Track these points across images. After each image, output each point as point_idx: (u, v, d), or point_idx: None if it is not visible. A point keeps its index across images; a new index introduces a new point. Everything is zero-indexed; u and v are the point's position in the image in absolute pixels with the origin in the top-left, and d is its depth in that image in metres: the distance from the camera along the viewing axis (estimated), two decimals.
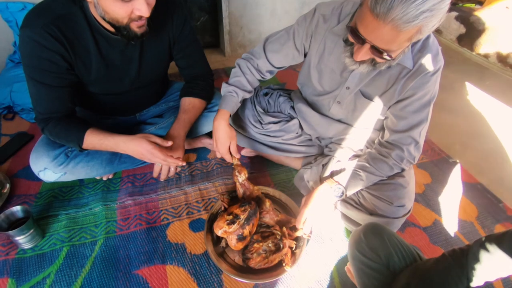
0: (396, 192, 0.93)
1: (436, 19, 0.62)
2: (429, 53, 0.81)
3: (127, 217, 1.09)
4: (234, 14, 2.05)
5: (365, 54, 0.71)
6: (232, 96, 1.04)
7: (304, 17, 0.97)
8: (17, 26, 1.59)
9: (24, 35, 0.80)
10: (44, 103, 0.91)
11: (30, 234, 0.95)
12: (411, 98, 0.87)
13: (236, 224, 0.89)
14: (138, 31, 0.82)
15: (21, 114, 1.54)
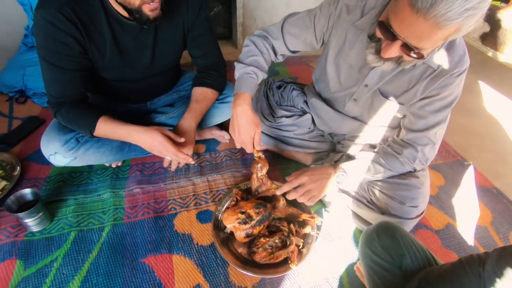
0: (410, 192, 0.91)
1: (476, 18, 0.58)
2: (455, 51, 0.78)
3: (134, 205, 1.09)
4: (248, 5, 2.02)
5: (395, 51, 0.66)
6: (251, 78, 0.93)
7: (328, 3, 0.90)
8: (31, 10, 1.58)
9: (38, 16, 0.79)
10: (56, 86, 0.90)
11: (39, 217, 0.96)
12: (433, 98, 0.84)
13: (248, 224, 0.88)
14: (150, 14, 0.80)
15: (33, 98, 1.54)
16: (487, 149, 1.47)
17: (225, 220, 0.91)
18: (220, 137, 1.35)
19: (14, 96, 1.56)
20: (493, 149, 1.47)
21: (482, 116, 1.70)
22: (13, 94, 1.56)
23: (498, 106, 1.76)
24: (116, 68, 0.97)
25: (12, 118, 1.44)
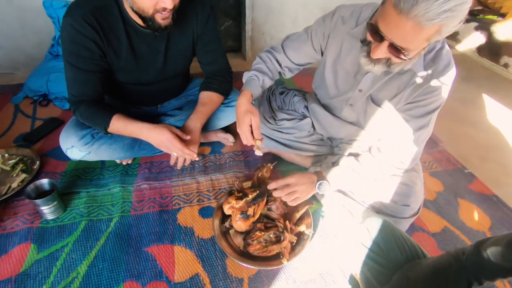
0: (401, 191, 0.94)
1: (456, 20, 0.63)
2: (441, 62, 0.83)
3: (141, 199, 1.16)
4: (257, 20, 2.14)
5: (383, 52, 0.72)
6: (253, 80, 1.04)
7: (323, 17, 1.00)
8: (59, 22, 1.75)
9: (66, 23, 0.90)
10: (77, 86, 1.00)
11: (53, 206, 1.03)
12: (417, 103, 0.88)
13: (243, 201, 0.93)
14: (162, 22, 0.89)
15: (55, 102, 1.67)
16: (490, 160, 1.48)
17: (225, 204, 0.97)
18: (225, 139, 1.42)
19: (38, 99, 1.69)
20: (496, 159, 1.48)
21: (486, 128, 1.72)
22: (37, 98, 1.69)
23: (502, 119, 1.77)
24: (131, 71, 1.07)
25: (35, 119, 1.56)
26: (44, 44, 1.85)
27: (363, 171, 0.96)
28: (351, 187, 1.02)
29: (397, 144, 0.93)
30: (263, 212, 1.06)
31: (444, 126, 1.68)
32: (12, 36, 1.82)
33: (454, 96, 1.96)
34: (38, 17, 1.76)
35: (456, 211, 1.19)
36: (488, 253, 0.57)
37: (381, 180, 0.98)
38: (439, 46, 0.83)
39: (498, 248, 0.56)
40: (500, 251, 0.55)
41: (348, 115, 1.11)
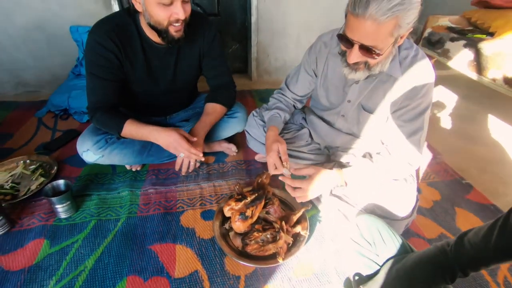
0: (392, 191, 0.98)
1: (411, 13, 0.73)
2: (418, 66, 0.91)
3: (148, 202, 1.23)
4: (262, 43, 2.30)
5: (357, 56, 0.81)
6: (276, 117, 1.19)
7: (309, 48, 1.16)
8: (83, 45, 1.94)
9: (90, 39, 1.03)
10: (96, 94, 1.12)
11: (67, 205, 1.12)
12: (406, 108, 0.96)
13: (242, 203, 0.99)
14: (175, 35, 1.02)
15: (74, 116, 1.82)
16: (488, 171, 1.50)
17: (225, 206, 1.03)
18: (228, 149, 1.50)
19: (59, 113, 1.85)
20: (494, 171, 1.50)
21: (485, 142, 1.74)
22: (58, 112, 1.85)
23: (499, 133, 1.80)
24: (144, 82, 1.19)
25: (55, 131, 1.70)
26: (68, 65, 2.04)
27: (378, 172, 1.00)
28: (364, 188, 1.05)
29: (401, 147, 0.99)
30: (262, 215, 1.11)
31: (444, 141, 1.72)
32: (40, 57, 2.02)
33: (454, 113, 2.02)
34: (65, 40, 1.97)
35: (453, 219, 1.21)
36: (470, 242, 0.59)
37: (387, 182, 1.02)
38: (413, 53, 0.91)
39: (478, 236, 0.59)
40: (480, 238, 0.58)
41: (342, 125, 1.18)
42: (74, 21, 1.93)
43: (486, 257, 0.57)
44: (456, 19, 1.87)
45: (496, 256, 0.55)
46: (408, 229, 1.13)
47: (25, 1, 1.82)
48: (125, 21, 1.06)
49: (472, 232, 0.61)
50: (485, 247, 0.56)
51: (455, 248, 0.62)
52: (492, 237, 0.54)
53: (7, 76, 2.04)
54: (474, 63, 1.51)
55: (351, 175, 1.02)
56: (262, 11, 2.14)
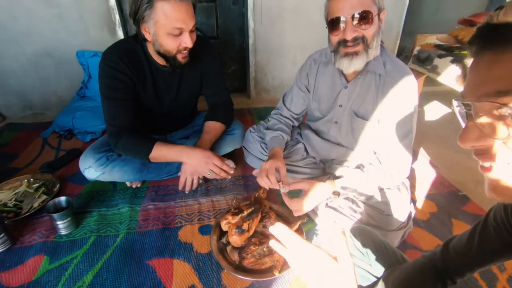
0: (385, 200, 1.00)
1: None
2: (399, 70, 0.99)
3: (147, 218, 1.25)
4: (259, 63, 2.39)
5: (352, 29, 0.88)
6: (278, 138, 1.25)
7: (300, 67, 1.25)
8: (88, 69, 2.04)
9: (104, 64, 1.10)
10: (117, 117, 1.15)
11: (68, 221, 1.14)
12: (393, 113, 1.00)
13: (239, 217, 1.01)
14: (182, 61, 1.11)
15: (78, 135, 1.87)
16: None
17: (222, 220, 1.05)
18: None
19: (63, 134, 1.91)
20: None
21: None
22: (63, 133, 1.91)
23: None
24: (150, 102, 1.25)
25: (59, 150, 1.75)
26: (74, 87, 2.13)
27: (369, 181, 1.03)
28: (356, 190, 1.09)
29: (392, 153, 1.02)
30: (258, 229, 1.13)
31: (440, 154, 1.74)
32: (47, 81, 2.12)
33: (447, 126, 2.05)
34: (71, 64, 2.07)
35: (450, 230, 1.21)
36: (455, 248, 0.61)
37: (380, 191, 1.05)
38: (393, 60, 1.01)
39: (462, 241, 0.60)
40: (463, 244, 0.59)
41: (336, 134, 1.22)
42: (81, 47, 2.03)
43: (470, 262, 0.58)
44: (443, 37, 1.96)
45: (479, 259, 0.56)
46: (405, 241, 1.13)
47: (36, 30, 1.94)
48: (133, 46, 1.14)
49: (456, 239, 0.62)
50: (468, 252, 0.57)
51: (441, 256, 0.63)
52: (474, 241, 0.56)
53: (15, 99, 2.12)
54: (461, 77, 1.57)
55: (343, 185, 1.05)
56: (259, 33, 2.25)
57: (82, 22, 1.98)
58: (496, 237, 0.53)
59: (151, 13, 0.99)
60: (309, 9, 2.24)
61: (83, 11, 1.95)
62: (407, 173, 1.03)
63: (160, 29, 1.02)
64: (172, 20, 0.99)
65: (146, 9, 0.98)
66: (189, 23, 1.02)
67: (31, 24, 1.92)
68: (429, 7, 2.67)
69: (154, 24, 1.01)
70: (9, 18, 1.87)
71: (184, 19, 1.01)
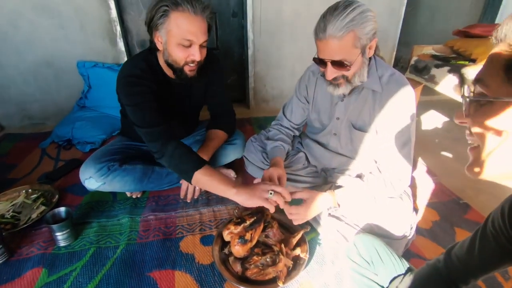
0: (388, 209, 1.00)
1: (365, 25, 0.85)
2: (396, 82, 1.00)
3: (147, 228, 1.23)
4: (258, 74, 2.42)
5: (331, 71, 0.92)
6: (279, 148, 1.25)
7: (299, 79, 1.28)
8: (88, 79, 2.05)
9: (123, 76, 1.11)
10: (150, 117, 1.10)
11: (67, 233, 1.12)
12: (391, 123, 1.01)
13: (241, 227, 1.00)
14: (189, 74, 1.12)
15: (77, 146, 1.86)
16: (485, 191, 1.51)
17: (224, 230, 1.04)
18: (227, 175, 1.53)
19: (62, 144, 1.89)
20: (490, 191, 1.51)
21: None
22: (62, 143, 1.90)
23: None
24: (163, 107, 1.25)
25: (58, 160, 1.74)
26: (73, 97, 2.13)
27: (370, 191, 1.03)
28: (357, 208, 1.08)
29: (391, 163, 1.03)
30: (261, 239, 1.11)
31: (439, 162, 1.75)
32: (47, 91, 2.12)
33: (445, 135, 2.08)
34: (71, 74, 2.08)
35: (453, 239, 1.21)
36: (457, 255, 0.60)
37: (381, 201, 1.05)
38: (390, 72, 1.01)
39: (463, 249, 0.60)
40: (465, 251, 0.59)
41: (335, 145, 1.22)
42: (81, 57, 2.05)
43: (473, 269, 0.58)
44: (439, 47, 2.01)
45: (481, 266, 0.56)
46: (409, 250, 1.13)
47: (37, 40, 1.95)
48: (149, 58, 1.17)
49: (457, 246, 0.62)
50: (470, 259, 0.57)
51: (445, 264, 0.63)
52: (475, 248, 0.56)
53: (14, 109, 2.12)
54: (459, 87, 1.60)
55: (343, 196, 1.05)
56: (258, 44, 2.28)
57: (83, 32, 2.00)
58: (494, 243, 0.53)
59: (165, 22, 1.02)
60: (307, 22, 2.29)
61: (84, 22, 1.97)
62: (408, 182, 1.04)
63: (171, 38, 1.04)
64: (184, 31, 1.02)
65: (161, 18, 1.01)
66: (200, 37, 1.05)
67: (32, 34, 1.93)
68: (424, 18, 2.74)
69: (166, 33, 1.04)
70: (10, 27, 1.88)
71: (196, 32, 1.03)
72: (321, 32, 0.86)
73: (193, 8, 1.01)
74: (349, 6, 0.84)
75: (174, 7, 1.00)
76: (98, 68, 2.04)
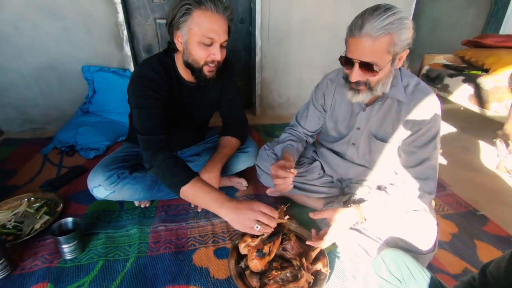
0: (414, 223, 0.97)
1: (403, 31, 0.83)
2: (422, 92, 0.97)
3: (158, 240, 1.18)
4: (265, 80, 2.39)
5: (357, 73, 0.89)
6: (291, 146, 1.21)
7: (316, 86, 1.24)
8: (93, 84, 2.00)
9: (141, 79, 1.07)
10: (152, 125, 1.06)
11: (74, 245, 1.06)
12: (416, 134, 0.98)
13: (259, 239, 0.95)
14: (208, 75, 1.08)
15: (80, 152, 1.80)
16: (499, 202, 1.49)
17: (241, 242, 0.99)
18: (239, 184, 1.49)
19: (65, 150, 1.83)
20: (504, 201, 1.50)
21: (486, 172, 1.76)
22: (64, 149, 1.83)
23: None
24: (173, 117, 1.20)
25: (61, 167, 1.67)
26: (77, 102, 2.08)
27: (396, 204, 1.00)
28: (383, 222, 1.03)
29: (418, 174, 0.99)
30: (278, 252, 1.07)
31: (451, 172, 1.73)
32: (49, 95, 2.06)
33: (455, 145, 2.06)
34: (75, 79, 2.03)
35: (474, 252, 1.17)
36: (493, 275, 0.58)
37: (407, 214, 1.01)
38: (415, 82, 0.98)
39: (499, 269, 0.58)
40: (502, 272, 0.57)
41: (353, 155, 1.19)
42: (86, 61, 2.00)
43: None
44: (450, 57, 2.00)
45: None
46: (431, 264, 1.09)
47: (40, 43, 1.90)
48: (166, 60, 1.13)
49: (493, 264, 0.60)
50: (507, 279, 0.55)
51: (480, 283, 0.61)
52: None
53: (14, 113, 2.05)
54: (474, 97, 1.58)
55: (369, 210, 1.01)
56: (266, 51, 2.26)
57: (89, 36, 1.95)
58: None
59: (187, 20, 1.00)
60: (315, 29, 2.28)
61: (90, 25, 1.93)
62: (434, 194, 1.00)
63: (193, 37, 1.02)
64: (205, 29, 1.00)
65: (183, 16, 0.99)
66: (221, 35, 1.02)
67: (36, 37, 1.88)
68: (425, 27, 2.76)
69: (187, 31, 1.02)
70: (13, 30, 1.84)
71: (217, 30, 1.01)
72: (357, 29, 0.83)
73: (215, 7, 0.99)
74: (389, 10, 0.82)
75: (197, 6, 0.98)
76: (103, 72, 1.99)
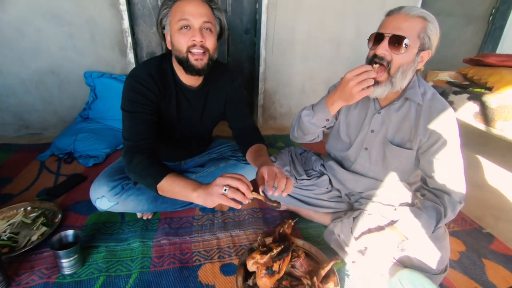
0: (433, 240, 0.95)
1: (434, 27, 0.90)
2: (440, 100, 0.99)
3: (161, 255, 1.13)
4: (268, 91, 2.39)
5: (384, 47, 0.91)
6: None
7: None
8: (94, 90, 1.96)
9: (132, 80, 1.03)
10: (134, 131, 1.03)
11: (74, 259, 1.01)
12: (437, 144, 0.98)
13: (268, 256, 0.92)
14: (195, 64, 1.01)
15: (79, 159, 1.75)
16: (504, 219, 1.49)
17: (249, 259, 0.95)
18: None
19: (63, 157, 1.78)
20: (508, 219, 1.50)
21: (490, 189, 1.77)
22: (62, 156, 1.78)
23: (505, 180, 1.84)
24: (172, 125, 1.18)
25: (58, 175, 1.62)
26: (76, 108, 2.03)
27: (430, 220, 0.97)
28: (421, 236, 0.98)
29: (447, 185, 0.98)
30: (287, 269, 1.04)
31: None
32: (49, 101, 2.01)
33: None
34: (76, 84, 1.99)
35: (483, 271, 1.16)
36: None
37: None
38: (433, 91, 1.01)
39: None
40: None
41: (364, 161, 1.17)
42: (89, 67, 1.97)
43: None
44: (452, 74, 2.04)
45: None
46: (441, 284, 1.07)
47: (43, 48, 1.87)
48: (163, 64, 1.10)
49: None
50: None
51: None
52: None
53: (11, 118, 2.00)
54: (480, 115, 1.60)
55: (408, 229, 0.97)
56: (270, 62, 2.27)
57: (93, 42, 1.93)
58: None
59: (169, 15, 1.01)
60: (318, 41, 2.31)
61: (95, 32, 1.91)
62: (464, 203, 0.99)
63: (173, 27, 1.00)
64: (180, 13, 0.98)
65: (165, 11, 1.00)
66: (197, 17, 0.98)
67: (39, 41, 1.85)
68: None
69: (169, 25, 1.01)
70: (16, 34, 1.80)
71: (192, 12, 0.98)
72: (396, 10, 0.92)
73: None
74: None
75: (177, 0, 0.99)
76: (104, 78, 1.96)
